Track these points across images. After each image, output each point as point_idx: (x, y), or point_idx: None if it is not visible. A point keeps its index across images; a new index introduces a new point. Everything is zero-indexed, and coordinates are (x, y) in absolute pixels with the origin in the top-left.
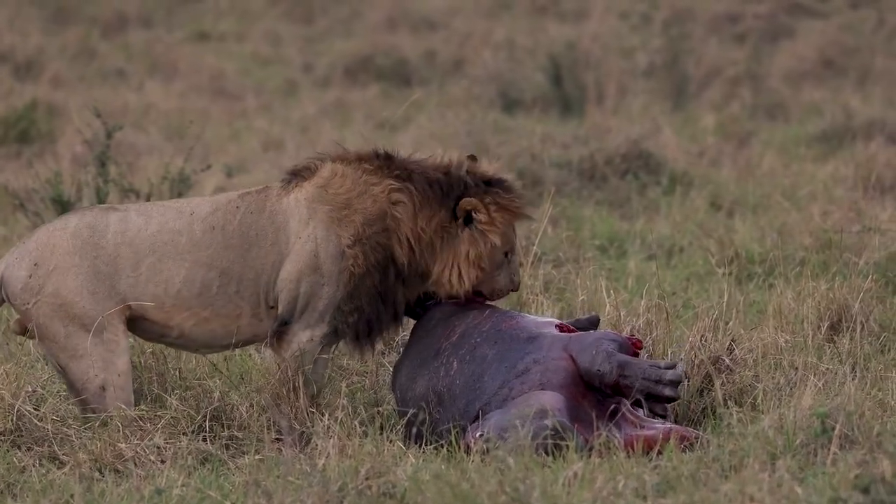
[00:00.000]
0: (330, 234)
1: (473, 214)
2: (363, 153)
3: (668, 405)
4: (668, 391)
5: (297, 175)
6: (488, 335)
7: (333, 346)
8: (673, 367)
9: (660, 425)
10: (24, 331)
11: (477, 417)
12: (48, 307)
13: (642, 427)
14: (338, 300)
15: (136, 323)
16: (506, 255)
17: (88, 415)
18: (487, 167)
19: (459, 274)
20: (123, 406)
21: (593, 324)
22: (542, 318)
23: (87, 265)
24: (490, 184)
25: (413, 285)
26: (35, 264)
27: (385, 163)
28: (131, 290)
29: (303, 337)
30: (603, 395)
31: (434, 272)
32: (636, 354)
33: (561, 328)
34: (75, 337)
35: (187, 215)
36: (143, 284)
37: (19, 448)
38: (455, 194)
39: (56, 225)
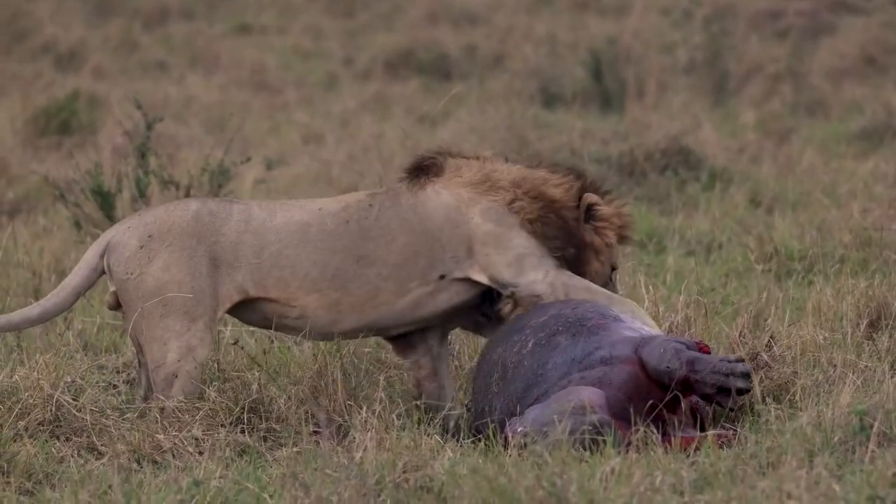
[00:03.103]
0: (484, 203)
1: (594, 209)
2: (480, 153)
3: (739, 398)
4: (740, 383)
5: (423, 171)
6: (570, 325)
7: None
8: (741, 360)
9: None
10: (117, 305)
11: (533, 403)
12: (152, 281)
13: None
14: (534, 244)
15: (250, 305)
16: (612, 269)
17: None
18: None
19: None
20: (185, 397)
21: None
22: (637, 332)
23: (203, 249)
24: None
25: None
26: (150, 236)
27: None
28: (252, 275)
29: (537, 276)
30: (669, 396)
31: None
32: None
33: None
34: (168, 318)
35: (315, 211)
36: (266, 269)
37: (58, 438)
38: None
39: (177, 205)
